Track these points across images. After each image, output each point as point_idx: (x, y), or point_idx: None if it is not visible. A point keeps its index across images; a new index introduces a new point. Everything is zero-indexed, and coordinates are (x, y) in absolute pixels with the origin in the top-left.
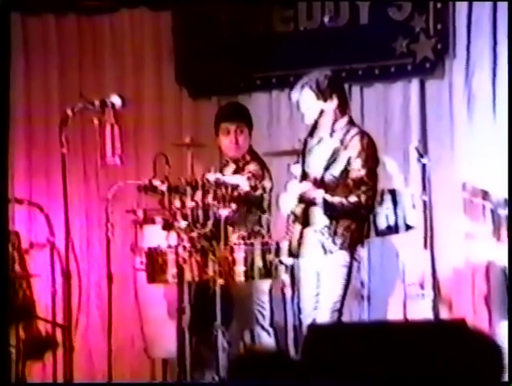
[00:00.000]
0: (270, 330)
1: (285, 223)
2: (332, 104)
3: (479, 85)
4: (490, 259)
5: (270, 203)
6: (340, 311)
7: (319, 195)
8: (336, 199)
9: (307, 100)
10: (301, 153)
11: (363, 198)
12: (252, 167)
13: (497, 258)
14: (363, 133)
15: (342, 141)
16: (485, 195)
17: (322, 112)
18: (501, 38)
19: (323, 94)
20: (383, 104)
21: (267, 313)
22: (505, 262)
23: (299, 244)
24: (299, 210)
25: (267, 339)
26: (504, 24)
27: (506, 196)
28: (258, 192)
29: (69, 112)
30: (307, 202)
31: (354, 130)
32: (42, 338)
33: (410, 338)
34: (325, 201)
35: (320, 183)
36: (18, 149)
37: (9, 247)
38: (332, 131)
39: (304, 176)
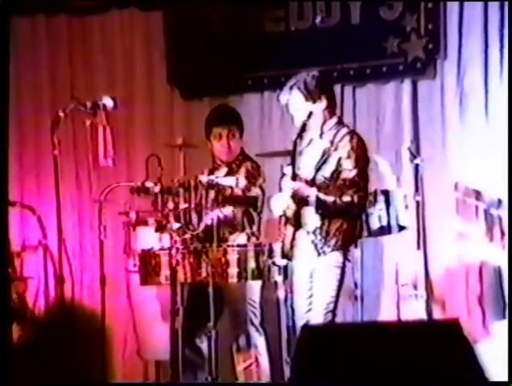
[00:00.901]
0: (261, 330)
1: (277, 225)
2: (321, 104)
3: (471, 85)
4: (483, 259)
5: (263, 205)
6: (333, 312)
7: (312, 192)
8: (329, 198)
9: (296, 102)
10: (291, 156)
11: (355, 198)
12: (249, 165)
13: (490, 258)
14: (353, 133)
15: (332, 142)
16: (477, 194)
17: (311, 113)
18: (493, 37)
19: (312, 95)
20: (375, 104)
21: (259, 313)
22: (499, 262)
23: (292, 246)
24: (290, 212)
25: (260, 339)
26: (495, 23)
27: (506, 197)
28: (255, 192)
29: (61, 113)
30: (299, 199)
31: (344, 130)
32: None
33: (404, 339)
34: (318, 199)
35: (311, 185)
36: (9, 151)
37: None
38: (322, 132)
39: (295, 178)
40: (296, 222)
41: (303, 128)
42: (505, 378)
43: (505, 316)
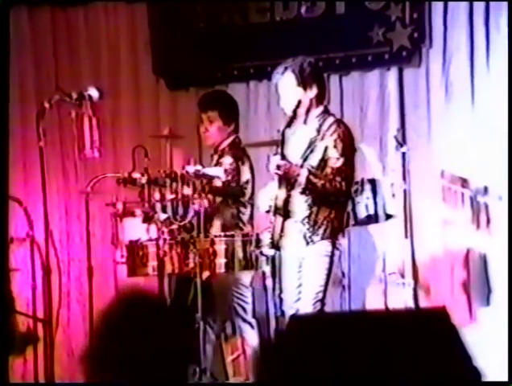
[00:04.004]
0: (253, 321)
1: (266, 216)
2: (312, 92)
3: (456, 73)
4: (469, 246)
5: (252, 195)
6: (322, 301)
7: (303, 172)
8: (319, 181)
9: (286, 84)
10: (280, 145)
11: (343, 184)
12: (227, 162)
13: (476, 245)
14: (339, 122)
15: (318, 131)
16: (463, 182)
17: (300, 102)
18: (478, 25)
19: (304, 81)
20: (361, 93)
21: (249, 306)
22: (485, 249)
23: (281, 236)
24: (280, 202)
25: (250, 331)
26: (480, 11)
27: (505, 193)
28: (234, 185)
29: (46, 104)
30: (288, 181)
31: (330, 119)
32: (22, 333)
33: (391, 327)
34: (308, 179)
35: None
36: None
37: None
38: (306, 119)
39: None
40: (285, 212)
41: (294, 116)
42: (503, 375)
43: (490, 303)
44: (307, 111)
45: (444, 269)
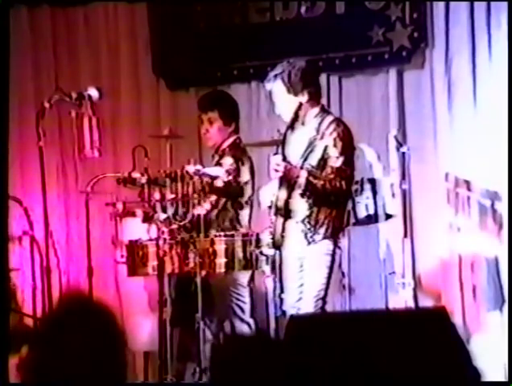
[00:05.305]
0: (251, 321)
1: (267, 216)
2: (303, 98)
3: (458, 73)
4: (476, 250)
5: (252, 195)
6: (323, 299)
7: (303, 174)
8: (318, 181)
9: (278, 92)
10: (281, 145)
11: (343, 184)
12: (227, 162)
13: (483, 249)
14: (338, 121)
15: (317, 130)
16: (468, 184)
17: (301, 104)
18: (480, 25)
19: (294, 88)
20: (361, 92)
21: (247, 306)
22: (493, 253)
23: (282, 236)
24: (280, 202)
25: (248, 331)
26: (482, 10)
27: (505, 190)
28: (235, 186)
29: (46, 104)
30: (288, 182)
31: (329, 118)
32: (21, 333)
33: (391, 328)
34: (308, 181)
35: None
36: None
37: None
38: (304, 122)
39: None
40: (286, 212)
41: (296, 118)
42: (502, 373)
43: (499, 307)
44: (305, 114)
45: (451, 273)
